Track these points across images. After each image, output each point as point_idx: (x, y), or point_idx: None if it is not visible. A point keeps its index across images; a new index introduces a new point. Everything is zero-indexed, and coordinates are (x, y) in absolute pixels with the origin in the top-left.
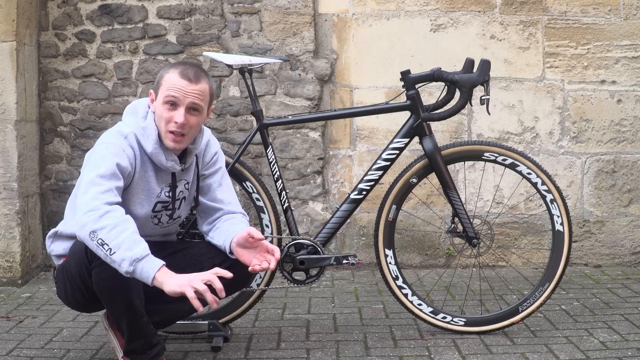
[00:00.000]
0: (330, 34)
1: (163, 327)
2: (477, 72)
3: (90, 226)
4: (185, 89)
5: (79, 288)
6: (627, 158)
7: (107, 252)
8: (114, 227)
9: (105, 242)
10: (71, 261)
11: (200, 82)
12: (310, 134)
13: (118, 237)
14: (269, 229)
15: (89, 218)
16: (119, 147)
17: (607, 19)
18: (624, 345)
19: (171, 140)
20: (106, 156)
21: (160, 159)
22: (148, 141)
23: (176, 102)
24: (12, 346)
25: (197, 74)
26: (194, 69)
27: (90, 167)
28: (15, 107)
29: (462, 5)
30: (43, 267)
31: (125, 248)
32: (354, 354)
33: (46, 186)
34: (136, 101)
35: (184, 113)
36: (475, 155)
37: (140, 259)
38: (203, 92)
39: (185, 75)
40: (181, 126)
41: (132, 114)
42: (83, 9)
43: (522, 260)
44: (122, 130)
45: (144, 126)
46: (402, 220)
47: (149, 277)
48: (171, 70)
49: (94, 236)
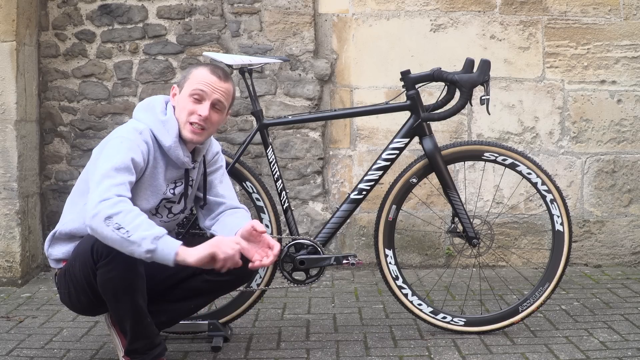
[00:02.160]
0: (330, 34)
1: (168, 326)
2: (477, 72)
3: (104, 212)
4: (214, 85)
5: (84, 290)
6: (627, 158)
7: (124, 234)
8: (130, 212)
9: (122, 226)
10: (75, 263)
11: (227, 81)
12: (310, 134)
13: (135, 220)
14: (269, 229)
15: (103, 206)
16: (134, 142)
17: (607, 19)
18: (624, 345)
19: (190, 132)
20: (121, 150)
21: (178, 153)
22: (168, 135)
23: (203, 96)
24: (12, 346)
25: (225, 74)
26: (222, 69)
27: (104, 159)
28: (15, 107)
29: (462, 5)
30: (43, 267)
31: (144, 228)
32: (354, 354)
33: (46, 186)
34: (149, 98)
35: (208, 107)
36: (475, 155)
37: (160, 237)
38: (228, 92)
39: (215, 72)
40: (204, 119)
41: (147, 110)
42: (83, 9)
43: (522, 260)
44: (137, 127)
45: (164, 120)
46: (402, 220)
47: (172, 253)
48: (200, 67)
49: (109, 222)
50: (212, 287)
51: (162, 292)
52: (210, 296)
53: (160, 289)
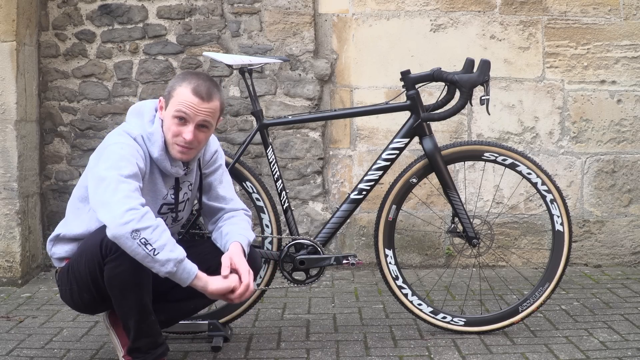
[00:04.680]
0: (330, 34)
1: (167, 325)
2: (477, 72)
3: (132, 225)
4: (197, 107)
5: (87, 287)
6: (627, 158)
7: (150, 252)
8: (156, 228)
9: (149, 242)
10: (81, 259)
11: (212, 99)
12: (310, 134)
13: (161, 238)
14: (269, 229)
15: (131, 217)
16: (134, 148)
17: (607, 19)
18: (624, 345)
19: (178, 152)
20: (125, 156)
21: (165, 165)
22: (154, 147)
23: (186, 118)
24: (12, 346)
25: (209, 92)
26: (207, 84)
27: (109, 167)
28: (15, 107)
29: (462, 5)
30: (43, 267)
31: (169, 249)
32: (354, 354)
33: (46, 186)
34: (140, 103)
35: (192, 130)
36: (475, 155)
37: (181, 261)
38: (214, 110)
39: (197, 93)
40: (189, 143)
41: (137, 116)
42: (83, 9)
43: (522, 260)
44: (131, 132)
45: (150, 132)
46: (402, 220)
47: (190, 277)
48: (184, 84)
49: (136, 235)
50: None
51: (164, 291)
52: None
53: (162, 288)
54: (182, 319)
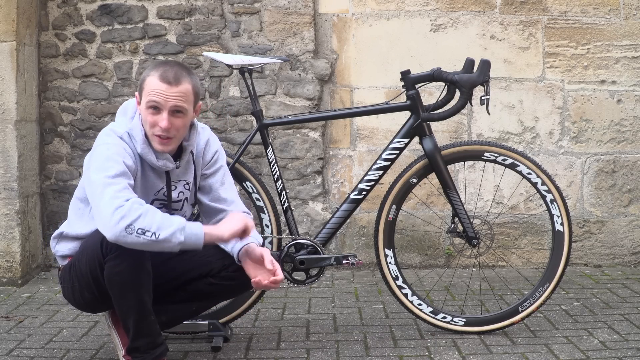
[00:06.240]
0: (330, 34)
1: (169, 327)
2: (477, 72)
3: (123, 222)
4: (166, 93)
5: (88, 285)
6: (627, 158)
7: (151, 237)
8: (147, 213)
9: (146, 229)
10: (82, 257)
11: (180, 83)
12: (310, 134)
13: (154, 220)
14: (269, 229)
15: (119, 214)
16: (120, 147)
17: (607, 19)
18: (624, 345)
19: (158, 143)
20: (111, 156)
21: (151, 159)
22: (137, 142)
23: (158, 106)
24: (12, 346)
25: (177, 76)
26: (174, 69)
27: (96, 169)
28: (15, 107)
29: (462, 5)
30: (43, 267)
31: (168, 225)
32: (354, 354)
33: (46, 186)
34: (127, 102)
35: (167, 117)
36: (475, 155)
37: (184, 227)
38: (185, 93)
39: (164, 78)
40: (166, 130)
41: (123, 115)
42: (83, 9)
43: (522, 260)
44: (117, 130)
45: (130, 127)
46: (402, 220)
47: (200, 238)
48: (152, 73)
49: (131, 229)
50: (215, 290)
51: (166, 292)
52: (212, 300)
53: (165, 288)
54: (183, 321)
